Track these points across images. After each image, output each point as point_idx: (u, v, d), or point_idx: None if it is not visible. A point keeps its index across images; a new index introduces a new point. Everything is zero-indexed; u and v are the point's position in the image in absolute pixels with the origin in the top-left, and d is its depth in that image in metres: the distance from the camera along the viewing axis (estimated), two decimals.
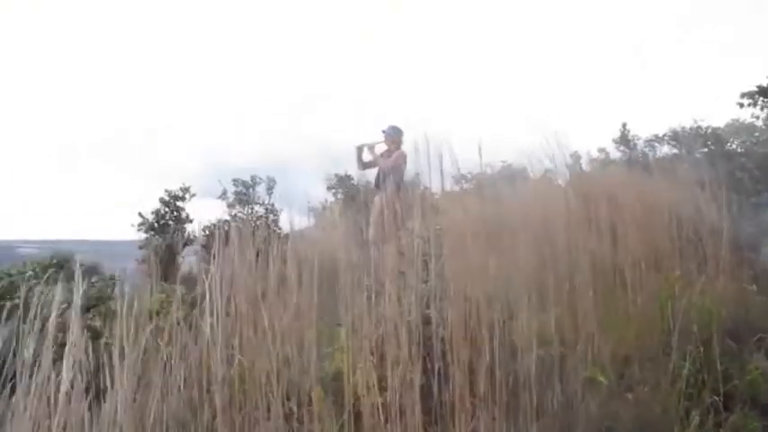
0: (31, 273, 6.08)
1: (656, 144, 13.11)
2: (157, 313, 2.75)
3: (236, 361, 2.50)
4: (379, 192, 5.44)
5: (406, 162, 5.66)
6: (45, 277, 2.94)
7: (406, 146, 5.81)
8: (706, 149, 11.53)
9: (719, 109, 20.20)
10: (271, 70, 30.61)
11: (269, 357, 2.43)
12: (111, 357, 2.33)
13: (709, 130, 12.21)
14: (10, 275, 6.23)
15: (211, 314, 2.43)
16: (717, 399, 2.99)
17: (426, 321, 2.72)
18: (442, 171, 3.29)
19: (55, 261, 7.47)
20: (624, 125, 13.45)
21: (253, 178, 12.94)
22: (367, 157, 6.07)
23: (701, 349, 3.15)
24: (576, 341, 3.06)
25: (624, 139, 13.39)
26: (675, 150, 12.37)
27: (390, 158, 5.88)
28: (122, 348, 2.29)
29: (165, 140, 29.92)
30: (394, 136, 6.04)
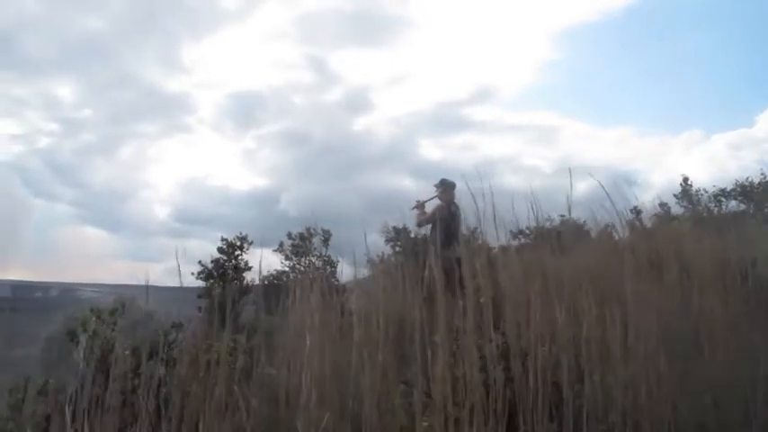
0: (94, 318, 6.27)
1: (723, 199, 12.58)
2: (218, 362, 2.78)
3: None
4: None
5: (447, 213, 5.56)
6: (106, 322, 3.03)
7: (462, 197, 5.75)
8: None
9: None
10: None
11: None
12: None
13: None
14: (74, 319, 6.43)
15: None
16: None
17: (489, 382, 2.63)
18: (498, 225, 3.25)
19: (119, 306, 7.68)
20: (686, 179, 13.01)
21: (308, 230, 13.10)
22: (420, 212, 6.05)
23: None
24: (651, 407, 2.88)
25: (686, 194, 12.90)
26: (743, 206, 11.85)
27: (428, 213, 5.85)
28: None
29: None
30: (443, 189, 6.03)
